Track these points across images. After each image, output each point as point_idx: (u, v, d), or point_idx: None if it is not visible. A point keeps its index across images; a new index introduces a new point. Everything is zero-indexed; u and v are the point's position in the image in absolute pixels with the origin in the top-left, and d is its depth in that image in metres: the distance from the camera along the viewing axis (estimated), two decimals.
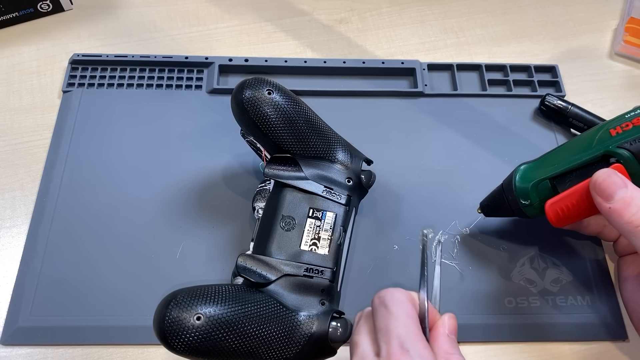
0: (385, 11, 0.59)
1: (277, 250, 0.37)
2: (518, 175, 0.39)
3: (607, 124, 0.36)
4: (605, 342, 0.41)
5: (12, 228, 0.44)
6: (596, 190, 0.33)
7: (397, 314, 0.32)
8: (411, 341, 0.30)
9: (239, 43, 0.56)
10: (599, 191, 0.33)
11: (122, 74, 0.51)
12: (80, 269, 0.41)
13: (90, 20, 0.56)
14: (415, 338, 0.31)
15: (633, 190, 0.32)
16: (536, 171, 0.38)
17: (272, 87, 0.39)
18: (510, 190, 0.39)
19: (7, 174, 0.46)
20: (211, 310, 0.32)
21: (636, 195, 0.32)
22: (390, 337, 0.31)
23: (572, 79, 0.54)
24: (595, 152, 0.35)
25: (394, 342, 0.30)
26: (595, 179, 0.33)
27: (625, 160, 0.34)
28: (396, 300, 0.32)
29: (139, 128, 0.48)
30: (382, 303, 0.33)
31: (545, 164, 0.38)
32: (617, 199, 0.32)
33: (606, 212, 0.33)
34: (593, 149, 0.35)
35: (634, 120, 0.34)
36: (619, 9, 0.61)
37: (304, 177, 0.39)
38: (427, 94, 0.52)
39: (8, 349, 0.39)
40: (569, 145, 0.38)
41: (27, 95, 0.51)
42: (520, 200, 0.38)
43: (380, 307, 0.33)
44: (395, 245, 0.44)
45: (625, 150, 0.33)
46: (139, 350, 0.39)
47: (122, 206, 0.44)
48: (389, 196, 0.46)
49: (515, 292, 0.42)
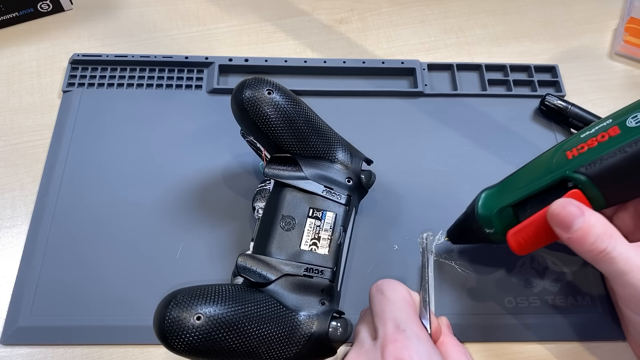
0: (385, 11, 0.59)
1: (277, 250, 0.37)
2: (480, 203, 0.38)
3: (563, 145, 0.35)
4: (605, 342, 0.41)
5: (12, 228, 0.44)
6: (554, 222, 0.33)
7: (393, 299, 0.33)
8: (407, 323, 0.31)
9: (239, 43, 0.56)
10: (556, 223, 0.33)
11: (122, 74, 0.51)
12: (80, 269, 0.41)
13: (90, 20, 0.56)
14: (410, 320, 0.31)
15: (590, 217, 0.32)
16: (497, 198, 0.37)
17: (272, 87, 0.39)
18: (474, 219, 0.38)
19: (7, 174, 0.46)
20: (211, 310, 0.32)
21: (593, 223, 0.32)
22: (386, 320, 0.31)
23: (572, 79, 0.54)
24: (553, 178, 0.34)
25: (390, 324, 0.31)
26: (551, 210, 0.33)
27: (583, 185, 0.33)
28: (392, 287, 0.33)
29: (139, 128, 0.48)
30: (379, 290, 0.34)
31: (506, 190, 0.37)
32: (575, 230, 0.32)
33: (566, 242, 0.33)
34: (551, 174, 0.34)
35: (588, 141, 0.33)
36: (619, 9, 0.61)
37: (304, 177, 0.39)
38: (427, 94, 0.52)
39: (8, 349, 0.39)
40: (529, 169, 0.37)
41: (27, 95, 0.51)
42: (485, 229, 0.38)
43: (377, 294, 0.34)
44: (395, 245, 0.44)
45: (582, 175, 0.32)
46: (139, 350, 0.39)
47: (122, 206, 0.44)
48: (389, 196, 0.46)
49: (515, 292, 0.42)
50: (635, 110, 0.32)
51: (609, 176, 0.32)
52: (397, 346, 0.30)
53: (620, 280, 0.32)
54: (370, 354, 0.31)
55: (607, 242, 0.31)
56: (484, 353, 0.40)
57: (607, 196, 0.33)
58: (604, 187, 0.32)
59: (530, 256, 0.44)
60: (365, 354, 0.31)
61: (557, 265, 0.43)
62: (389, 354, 0.30)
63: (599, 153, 0.32)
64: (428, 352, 0.30)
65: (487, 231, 0.38)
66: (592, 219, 0.32)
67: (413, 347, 0.30)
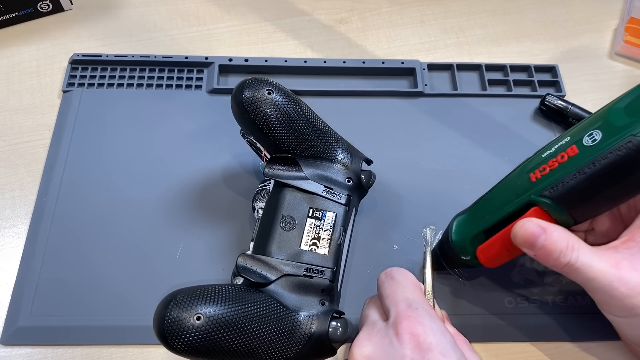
0: (385, 11, 0.59)
1: (277, 250, 0.37)
2: (453, 230, 0.38)
3: (527, 165, 0.35)
4: (605, 342, 0.41)
5: (12, 228, 0.44)
6: (517, 242, 0.33)
7: (404, 282, 0.34)
8: (419, 302, 0.32)
9: (239, 43, 0.56)
10: (520, 242, 0.33)
11: (122, 74, 0.51)
12: (80, 269, 0.41)
13: (90, 20, 0.56)
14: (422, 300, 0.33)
15: (551, 234, 0.32)
16: (469, 225, 0.38)
17: (272, 87, 0.39)
18: (450, 247, 0.38)
19: (7, 174, 0.46)
20: (211, 310, 0.32)
21: (554, 239, 0.32)
22: (397, 300, 0.32)
23: (572, 79, 0.54)
24: (519, 202, 0.34)
25: (402, 304, 0.32)
26: (514, 231, 0.33)
27: (548, 207, 0.33)
28: (402, 273, 0.35)
29: (139, 128, 0.48)
30: (389, 276, 0.35)
31: (477, 216, 0.37)
32: (539, 247, 0.32)
33: (533, 257, 0.34)
34: (517, 198, 0.34)
35: (549, 162, 0.33)
36: (619, 9, 0.61)
37: (304, 177, 0.39)
38: (427, 94, 0.52)
39: (8, 349, 0.39)
40: (497, 192, 0.37)
41: (27, 95, 0.51)
42: (461, 256, 0.38)
43: (387, 279, 0.35)
44: (395, 245, 0.44)
45: (547, 199, 0.33)
46: (139, 350, 0.39)
47: (121, 206, 0.44)
48: (389, 196, 0.46)
49: (515, 292, 0.42)
50: (590, 127, 0.32)
51: (573, 197, 0.32)
52: (411, 322, 0.30)
53: (589, 286, 0.33)
54: (383, 332, 0.31)
55: (570, 255, 0.32)
56: (484, 353, 0.40)
57: (574, 216, 0.33)
58: (569, 208, 0.33)
59: (530, 256, 0.43)
60: (378, 333, 0.32)
61: None
62: (404, 329, 0.30)
63: (560, 175, 0.32)
64: (440, 329, 0.31)
65: (463, 258, 0.38)
66: (553, 235, 0.32)
67: (427, 322, 0.31)
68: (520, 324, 0.41)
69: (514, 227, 0.33)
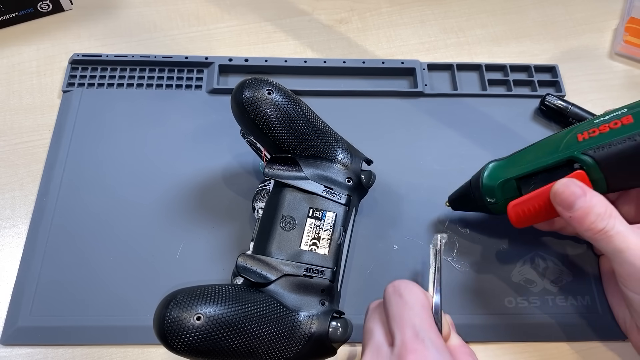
0: (385, 11, 0.59)
1: (277, 250, 0.37)
2: (486, 173, 0.40)
3: (576, 128, 0.36)
4: (605, 342, 0.41)
5: (12, 228, 0.44)
6: (556, 200, 0.34)
7: (411, 304, 0.32)
8: (426, 331, 0.31)
9: (239, 43, 0.56)
10: (559, 201, 0.34)
11: (122, 74, 0.51)
12: (80, 269, 0.41)
13: (90, 20, 0.56)
14: (429, 328, 0.31)
15: (592, 198, 0.33)
16: (504, 170, 0.39)
17: (272, 87, 0.39)
18: (477, 187, 0.40)
19: (7, 174, 0.46)
20: (211, 310, 0.32)
21: (594, 203, 0.33)
22: (404, 326, 0.31)
23: (572, 79, 0.54)
24: (560, 157, 0.35)
25: (408, 331, 0.31)
26: (555, 189, 0.34)
27: (587, 167, 0.34)
28: (410, 291, 0.33)
29: (139, 128, 0.48)
30: (397, 292, 0.33)
31: (513, 164, 0.38)
32: (577, 209, 0.33)
33: (567, 220, 0.34)
34: (559, 152, 0.35)
35: (600, 127, 0.34)
36: (619, 9, 0.61)
37: (304, 177, 0.39)
38: (427, 94, 0.52)
39: (8, 349, 0.39)
40: (538, 146, 0.38)
41: (27, 95, 0.51)
42: (486, 198, 0.39)
43: (395, 295, 0.33)
44: (395, 245, 0.44)
45: (589, 157, 0.34)
46: (139, 350, 0.39)
47: (122, 206, 0.44)
48: (389, 196, 0.46)
49: (515, 292, 0.42)
50: None
51: (615, 161, 0.33)
52: (417, 356, 0.29)
53: (618, 257, 0.33)
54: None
55: (607, 221, 0.33)
56: (484, 353, 0.40)
57: (609, 181, 0.34)
58: (608, 172, 0.33)
59: (530, 256, 0.44)
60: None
61: (557, 265, 0.43)
62: None
63: (609, 138, 0.33)
64: None
65: (488, 200, 0.39)
66: (593, 199, 0.33)
67: (431, 357, 0.30)
68: (520, 324, 0.41)
69: (554, 185, 0.34)
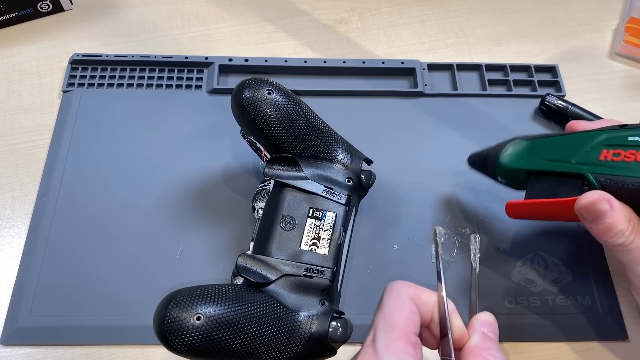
0: (385, 11, 0.59)
1: (277, 250, 0.37)
2: (505, 153, 0.39)
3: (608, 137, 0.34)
4: (605, 342, 0.41)
5: (12, 228, 0.44)
6: (582, 212, 0.34)
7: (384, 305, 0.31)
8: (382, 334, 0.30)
9: (239, 43, 0.56)
10: (584, 213, 0.34)
11: (122, 74, 0.51)
12: (80, 269, 0.41)
13: (90, 20, 0.56)
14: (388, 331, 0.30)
15: (617, 213, 0.33)
16: (521, 157, 0.38)
17: (272, 87, 0.38)
18: (493, 163, 0.40)
19: (7, 174, 0.46)
20: (211, 310, 0.32)
21: (618, 219, 0.33)
22: (370, 328, 0.31)
23: (572, 79, 0.54)
24: (574, 169, 0.35)
25: (371, 333, 0.30)
26: (583, 202, 0.33)
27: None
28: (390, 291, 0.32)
29: (139, 128, 0.48)
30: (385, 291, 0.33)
31: (533, 153, 0.38)
32: (600, 223, 0.33)
33: (587, 228, 0.35)
34: (576, 164, 0.35)
35: (627, 152, 0.32)
36: (619, 9, 0.61)
37: (304, 177, 0.39)
38: (427, 94, 0.52)
39: (8, 349, 0.39)
40: (564, 142, 0.37)
41: (27, 95, 0.51)
42: (496, 173, 0.40)
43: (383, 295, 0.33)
44: (395, 245, 0.44)
45: (599, 184, 0.33)
46: (139, 350, 0.39)
47: (121, 206, 0.44)
48: (389, 196, 0.46)
49: (515, 292, 0.42)
50: None
51: (626, 200, 0.33)
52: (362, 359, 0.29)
53: (633, 268, 0.34)
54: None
55: (627, 237, 0.33)
56: None
57: None
58: None
59: (530, 256, 0.44)
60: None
61: (557, 265, 0.43)
62: None
63: (629, 173, 0.32)
64: None
65: (499, 178, 0.40)
66: (618, 214, 0.33)
67: None
68: (520, 324, 0.41)
69: (582, 199, 0.33)
